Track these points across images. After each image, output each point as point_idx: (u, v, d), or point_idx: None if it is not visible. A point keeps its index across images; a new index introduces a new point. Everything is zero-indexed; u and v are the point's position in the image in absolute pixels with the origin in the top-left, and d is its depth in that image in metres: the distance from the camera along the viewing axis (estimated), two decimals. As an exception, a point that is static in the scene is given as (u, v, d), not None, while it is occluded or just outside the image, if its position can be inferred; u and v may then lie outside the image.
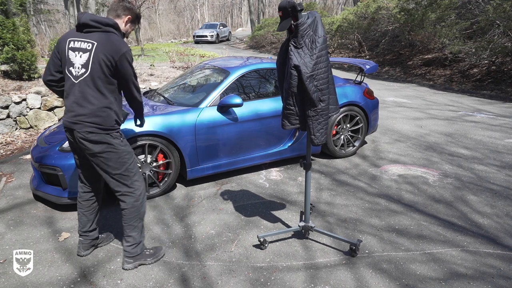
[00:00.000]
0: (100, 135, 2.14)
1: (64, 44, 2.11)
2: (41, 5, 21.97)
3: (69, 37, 2.11)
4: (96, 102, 2.11)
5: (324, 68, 2.19)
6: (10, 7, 6.38)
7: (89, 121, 2.11)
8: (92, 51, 2.06)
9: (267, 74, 4.11)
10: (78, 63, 2.09)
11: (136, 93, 2.29)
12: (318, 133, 2.26)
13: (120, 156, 2.22)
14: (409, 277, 2.33)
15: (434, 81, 10.23)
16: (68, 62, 2.11)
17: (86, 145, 2.15)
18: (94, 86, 2.09)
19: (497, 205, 3.27)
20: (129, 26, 2.26)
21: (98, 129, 2.13)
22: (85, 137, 2.12)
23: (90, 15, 2.09)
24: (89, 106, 2.10)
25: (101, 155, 2.18)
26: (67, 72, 2.13)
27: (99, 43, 2.06)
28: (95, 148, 2.15)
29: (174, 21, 45.16)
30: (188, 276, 2.34)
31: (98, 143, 2.14)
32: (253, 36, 23.60)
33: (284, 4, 2.07)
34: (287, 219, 3.05)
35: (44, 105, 5.64)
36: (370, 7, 13.45)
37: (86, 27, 2.08)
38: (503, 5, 8.57)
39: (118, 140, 2.21)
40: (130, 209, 2.29)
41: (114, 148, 2.19)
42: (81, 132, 2.12)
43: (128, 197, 2.29)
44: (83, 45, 2.08)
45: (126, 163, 2.25)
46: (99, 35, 2.08)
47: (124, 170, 2.24)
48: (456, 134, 5.34)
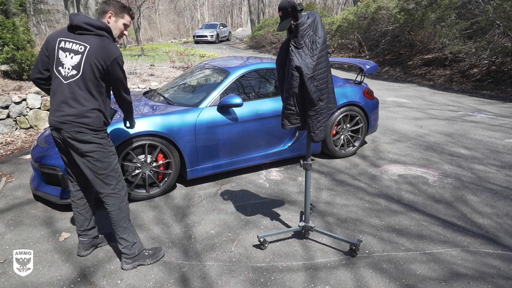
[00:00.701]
0: (88, 135, 2.14)
1: (54, 43, 2.11)
2: (41, 5, 21.99)
3: (60, 36, 2.11)
4: (86, 103, 2.12)
5: (324, 68, 2.19)
6: (10, 7, 6.38)
7: (78, 121, 2.11)
8: (84, 54, 2.06)
9: (267, 74, 4.11)
10: (68, 64, 2.08)
11: (126, 95, 2.35)
12: (317, 131, 2.28)
13: (108, 155, 2.24)
14: (409, 277, 2.33)
15: (434, 81, 10.23)
16: (57, 62, 2.10)
17: (74, 144, 2.15)
18: (85, 88, 2.10)
19: (497, 205, 3.27)
20: (115, 20, 2.21)
21: (86, 129, 2.13)
22: (73, 137, 2.13)
23: (83, 17, 2.08)
24: (79, 107, 2.11)
25: (89, 155, 2.18)
26: (55, 71, 2.12)
27: (92, 47, 2.06)
28: (83, 147, 2.15)
29: (174, 21, 45.18)
30: (188, 276, 2.34)
31: (86, 142, 2.15)
32: (253, 36, 23.60)
33: (284, 4, 2.07)
34: (287, 219, 3.05)
35: (44, 105, 5.64)
36: (370, 7, 13.45)
37: (79, 29, 2.08)
38: (503, 5, 8.57)
39: (105, 140, 2.23)
40: (116, 210, 2.30)
41: (102, 147, 2.20)
42: (69, 132, 2.12)
43: (112, 199, 2.29)
44: (75, 47, 2.07)
45: (112, 163, 2.27)
46: (91, 39, 2.07)
47: (110, 170, 2.26)
48: (456, 134, 5.34)
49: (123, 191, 2.33)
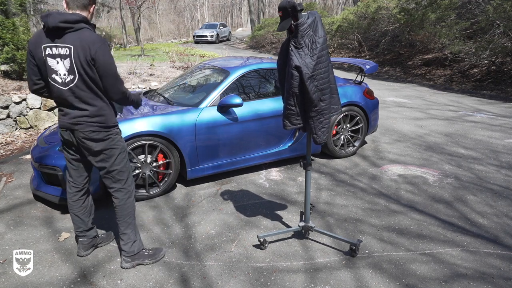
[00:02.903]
0: (102, 133, 2.15)
1: (40, 52, 2.02)
2: (41, 5, 21.96)
3: (44, 43, 2.01)
4: (96, 103, 2.12)
5: (325, 68, 2.19)
6: (10, 7, 6.38)
7: (93, 120, 2.12)
8: (72, 56, 1.99)
9: (267, 74, 4.11)
10: (62, 70, 2.03)
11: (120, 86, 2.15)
12: (319, 132, 2.27)
13: (121, 152, 2.26)
14: (409, 277, 2.33)
15: (434, 81, 10.23)
16: (50, 70, 2.05)
17: (88, 144, 2.15)
18: (87, 88, 2.07)
19: (497, 205, 3.27)
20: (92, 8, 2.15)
21: (101, 127, 2.14)
22: (88, 137, 2.13)
23: (57, 16, 1.96)
24: (90, 108, 2.11)
25: (103, 153, 2.19)
26: (50, 80, 2.07)
27: (75, 46, 1.98)
28: (98, 146, 2.17)
29: (174, 21, 45.17)
30: (188, 276, 2.34)
31: (100, 140, 2.16)
32: (253, 36, 23.59)
33: (284, 4, 2.07)
34: (287, 219, 3.05)
35: (44, 105, 5.64)
36: (370, 7, 13.45)
37: (58, 30, 1.99)
38: (503, 5, 8.57)
39: (118, 137, 2.26)
40: (123, 205, 2.32)
41: (115, 144, 2.22)
42: (84, 132, 2.12)
43: (121, 193, 2.31)
44: (61, 51, 2.00)
45: (124, 159, 2.30)
46: (72, 37, 1.98)
47: (122, 166, 2.28)
48: (456, 134, 5.34)
49: (131, 186, 2.36)
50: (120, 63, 10.27)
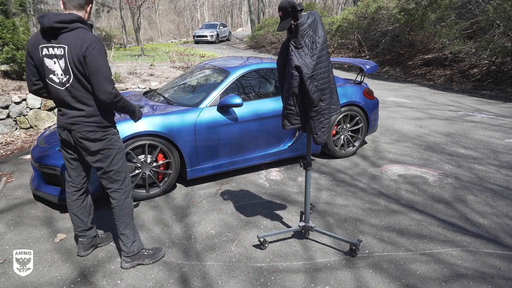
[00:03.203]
0: (100, 133, 2.15)
1: (38, 53, 2.04)
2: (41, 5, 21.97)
3: (41, 43, 2.02)
4: (92, 103, 2.11)
5: (325, 68, 2.19)
6: (10, 7, 6.39)
7: (89, 120, 2.12)
8: (66, 56, 1.99)
9: (267, 74, 4.11)
10: (58, 70, 2.03)
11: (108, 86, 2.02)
12: (320, 132, 2.27)
13: (118, 152, 2.26)
14: (409, 277, 2.33)
15: (434, 81, 10.23)
16: (47, 70, 2.06)
17: (85, 144, 2.15)
18: (83, 88, 2.07)
19: (497, 205, 3.27)
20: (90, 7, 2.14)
21: (98, 127, 2.14)
22: (85, 137, 2.13)
23: (52, 16, 1.96)
24: (87, 108, 2.11)
25: (100, 153, 2.19)
26: (48, 80, 2.08)
27: (69, 46, 1.98)
28: (95, 146, 2.16)
29: (174, 21, 45.17)
30: (188, 276, 2.34)
31: (98, 140, 2.16)
32: (253, 36, 23.60)
33: (284, 4, 2.07)
34: (287, 219, 3.05)
35: (44, 105, 5.64)
36: (370, 7, 13.46)
37: (53, 31, 1.99)
38: (503, 5, 8.57)
39: (116, 137, 2.25)
40: (120, 206, 2.32)
41: (112, 145, 2.22)
42: (81, 132, 2.12)
43: (119, 194, 2.31)
44: (57, 51, 2.01)
45: (121, 159, 2.29)
46: (67, 37, 1.98)
47: (119, 167, 2.28)
48: (456, 134, 5.34)
49: (128, 187, 2.36)
50: (120, 63, 10.28)
